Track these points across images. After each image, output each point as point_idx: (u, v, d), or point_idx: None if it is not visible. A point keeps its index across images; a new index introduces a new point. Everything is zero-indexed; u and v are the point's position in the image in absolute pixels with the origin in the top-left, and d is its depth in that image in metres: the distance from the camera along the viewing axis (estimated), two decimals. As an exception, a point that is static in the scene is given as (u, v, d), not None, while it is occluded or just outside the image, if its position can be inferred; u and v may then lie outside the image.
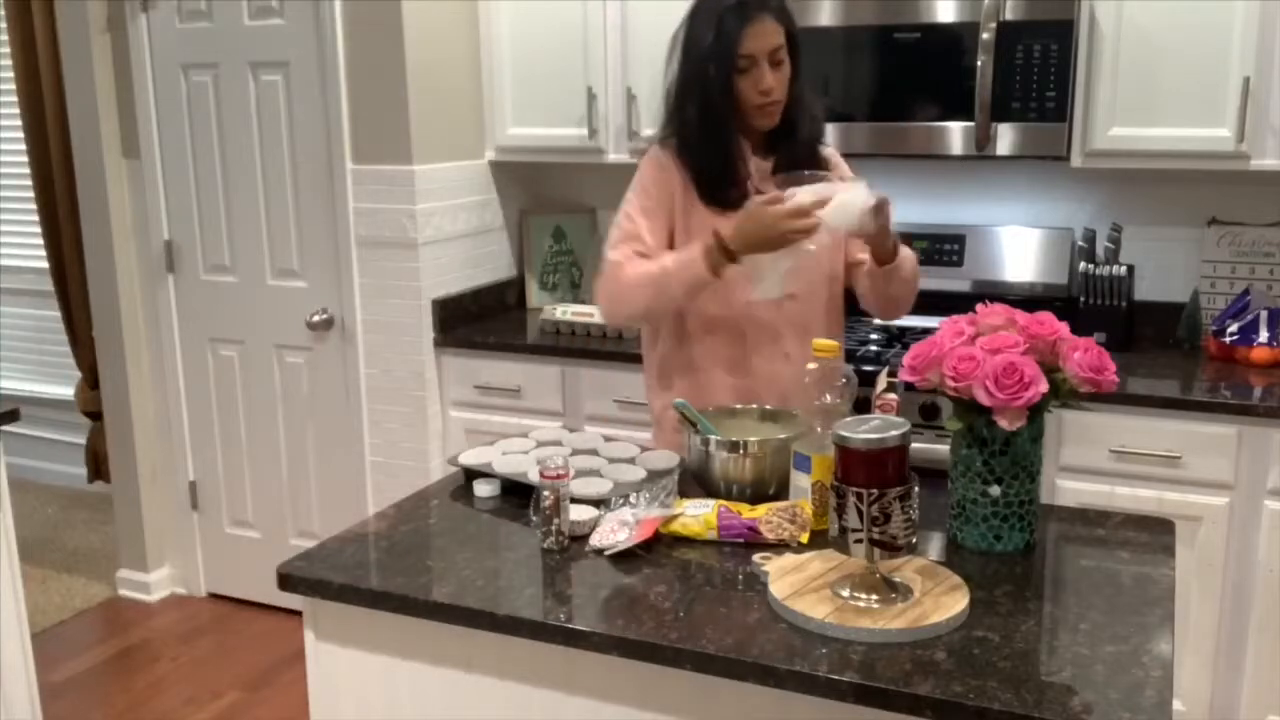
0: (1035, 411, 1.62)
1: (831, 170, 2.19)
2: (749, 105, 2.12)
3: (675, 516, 1.76)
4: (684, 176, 2.19)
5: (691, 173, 2.18)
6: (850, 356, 2.94)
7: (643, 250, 2.17)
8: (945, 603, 1.48)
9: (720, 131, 2.14)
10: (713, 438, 1.92)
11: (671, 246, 2.19)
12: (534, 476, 1.91)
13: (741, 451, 1.89)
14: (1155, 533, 1.79)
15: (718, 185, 2.16)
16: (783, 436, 1.89)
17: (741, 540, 1.73)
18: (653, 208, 2.19)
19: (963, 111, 2.89)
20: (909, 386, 1.78)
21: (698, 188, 2.18)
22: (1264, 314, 2.90)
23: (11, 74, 4.27)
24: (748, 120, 2.15)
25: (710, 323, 2.21)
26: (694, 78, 2.13)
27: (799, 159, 2.16)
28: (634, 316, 2.26)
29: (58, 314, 4.48)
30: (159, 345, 3.77)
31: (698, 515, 1.76)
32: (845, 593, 1.50)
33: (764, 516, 1.74)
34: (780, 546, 1.72)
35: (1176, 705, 2.74)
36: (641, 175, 2.23)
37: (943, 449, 2.07)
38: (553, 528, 1.72)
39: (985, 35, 2.80)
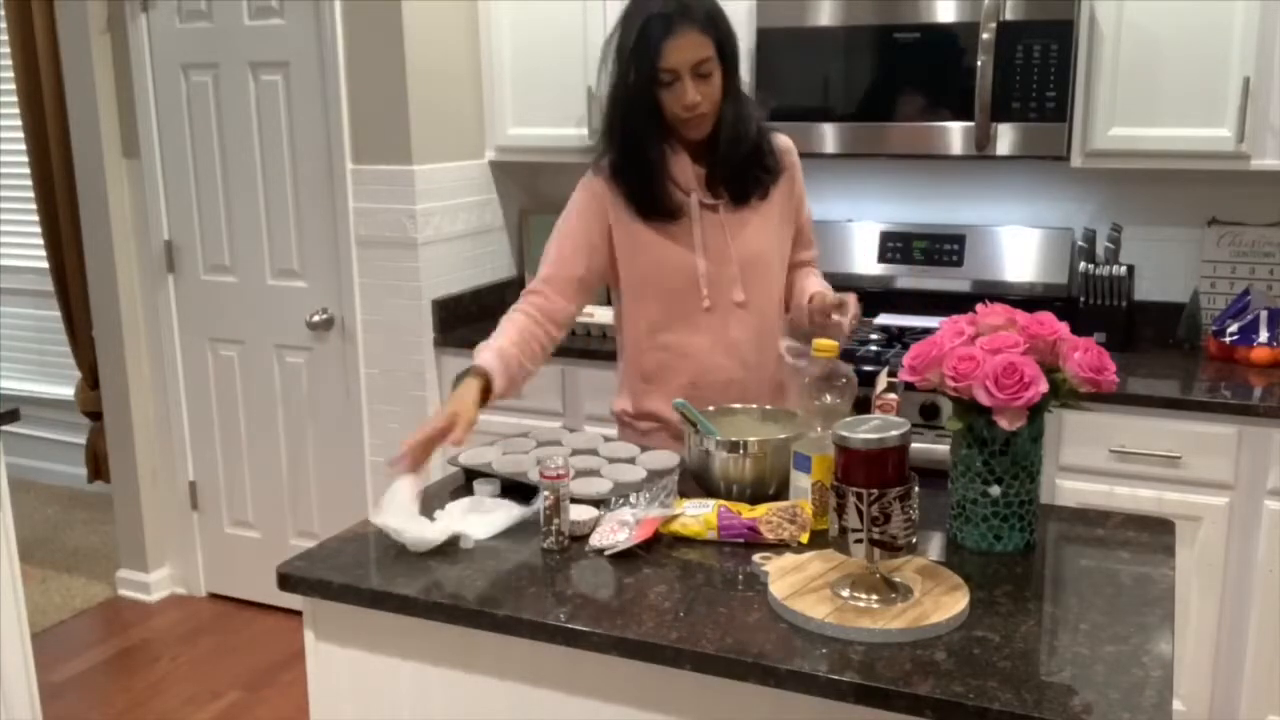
0: (1035, 411, 1.62)
1: (784, 169, 2.21)
2: (674, 118, 2.09)
3: (675, 516, 1.76)
4: (618, 197, 2.17)
5: (624, 191, 2.17)
6: (850, 356, 2.95)
7: (553, 285, 2.18)
8: (945, 603, 1.48)
9: (644, 146, 2.12)
10: (713, 437, 1.91)
11: (613, 266, 2.21)
12: (534, 476, 1.91)
13: (741, 451, 1.89)
14: (1155, 533, 1.79)
15: (650, 201, 2.15)
16: (783, 436, 1.89)
17: (741, 540, 1.73)
18: (571, 230, 2.21)
19: (963, 111, 2.89)
20: (909, 386, 1.78)
21: (634, 206, 2.16)
22: (1264, 314, 2.90)
23: (11, 74, 4.27)
24: (678, 131, 2.13)
25: (658, 343, 2.23)
26: (619, 91, 2.12)
27: (735, 166, 2.14)
28: None
29: (58, 314, 4.48)
30: (159, 345, 3.77)
31: (698, 515, 1.76)
32: (845, 593, 1.50)
33: (764, 516, 1.74)
34: (780, 546, 1.72)
35: (1176, 705, 2.74)
36: (572, 199, 2.24)
37: (943, 449, 2.07)
38: (553, 528, 1.72)
39: (985, 35, 2.80)
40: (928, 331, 2.04)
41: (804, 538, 1.72)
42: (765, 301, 2.23)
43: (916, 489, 1.48)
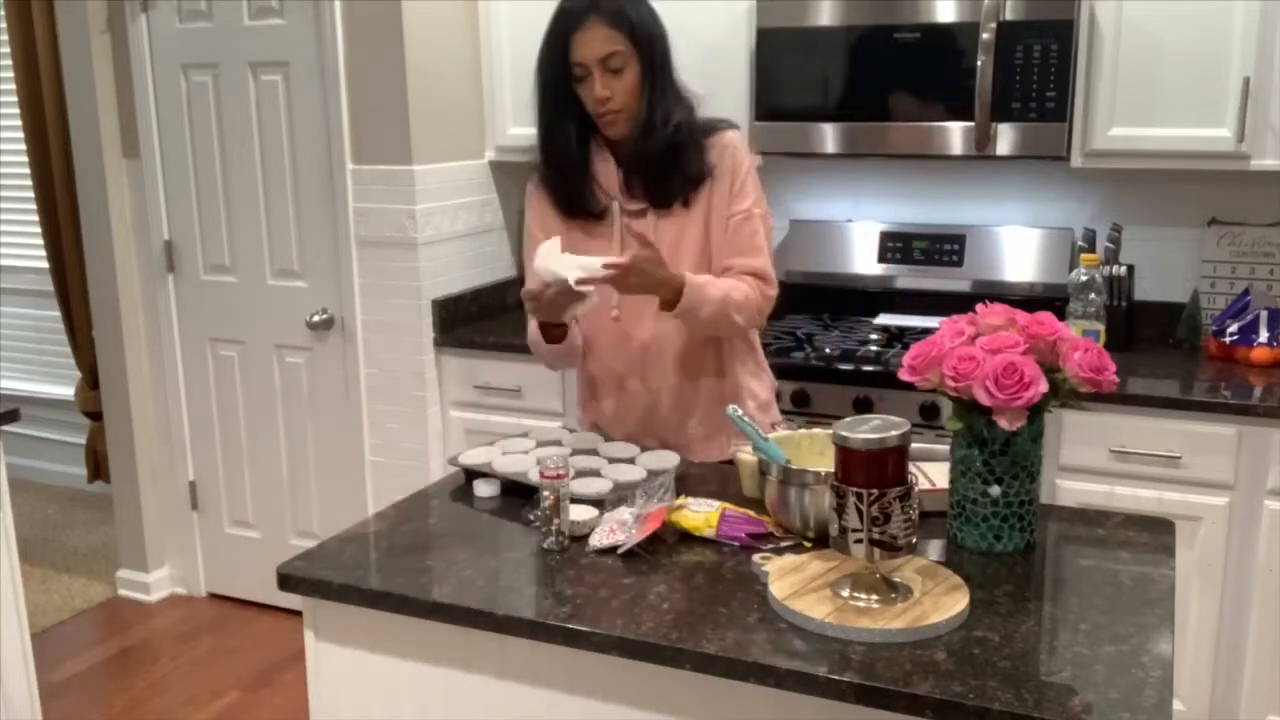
0: (1035, 411, 1.62)
1: (711, 173, 2.11)
2: (593, 116, 2.07)
3: (679, 508, 1.76)
4: (549, 200, 2.18)
5: (550, 193, 2.17)
6: (850, 356, 2.95)
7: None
8: (945, 603, 1.48)
9: (563, 146, 2.10)
10: (808, 469, 1.73)
11: None
12: (534, 476, 1.91)
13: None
14: (1155, 533, 1.79)
15: (570, 202, 2.15)
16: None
17: (737, 544, 1.73)
18: (535, 242, 2.17)
19: (963, 111, 2.89)
20: (909, 386, 1.78)
21: (561, 209, 2.16)
22: (1264, 314, 2.90)
23: (11, 74, 4.27)
24: (600, 129, 2.11)
25: (591, 344, 2.23)
26: (537, 85, 2.12)
27: (647, 167, 2.10)
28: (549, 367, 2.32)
29: (58, 314, 4.48)
30: (159, 345, 3.77)
31: (700, 511, 1.76)
32: (845, 593, 1.50)
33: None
34: (780, 547, 1.71)
35: (1176, 705, 2.74)
36: (526, 223, 2.24)
37: (943, 449, 2.07)
38: (553, 528, 1.72)
39: (985, 35, 2.80)
40: (928, 331, 2.04)
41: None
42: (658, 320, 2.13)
43: (917, 489, 1.48)
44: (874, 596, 1.49)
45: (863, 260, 3.37)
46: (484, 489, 1.98)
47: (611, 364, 2.21)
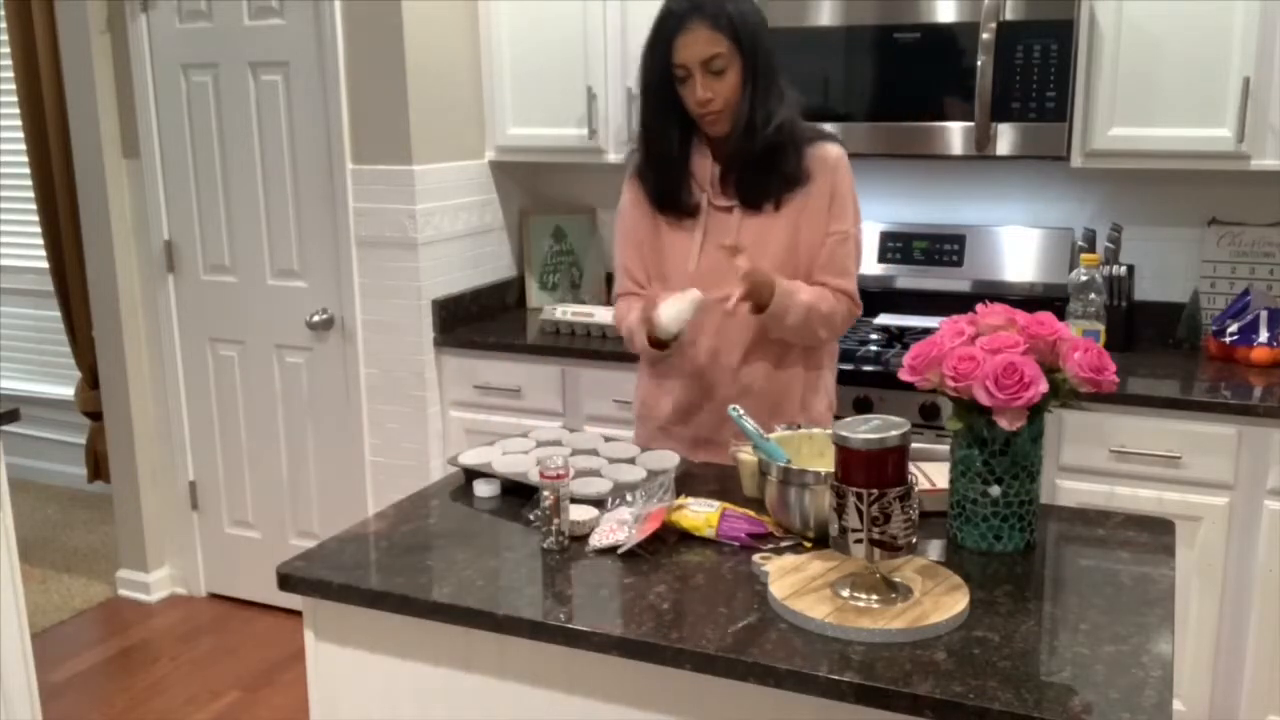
0: (1035, 411, 1.62)
1: (809, 179, 2.14)
2: (695, 115, 2.10)
3: (679, 508, 1.76)
4: (643, 192, 2.21)
5: (645, 184, 2.20)
6: (850, 356, 2.95)
7: (634, 286, 2.24)
8: (945, 603, 1.48)
9: (663, 142, 2.14)
10: (808, 470, 1.73)
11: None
12: (534, 476, 1.91)
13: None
14: (1155, 533, 1.79)
15: (663, 196, 2.18)
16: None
17: (738, 543, 1.73)
18: (630, 239, 2.25)
19: (963, 112, 2.89)
20: (909, 386, 1.78)
21: (653, 201, 2.20)
22: (1264, 314, 2.90)
23: (11, 74, 4.27)
24: (702, 128, 2.14)
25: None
26: (641, 84, 2.15)
27: (744, 167, 2.12)
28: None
29: (58, 314, 4.48)
30: (159, 345, 3.77)
31: (700, 511, 1.76)
32: (845, 593, 1.50)
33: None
34: (780, 547, 1.71)
35: (1176, 705, 2.74)
36: (620, 205, 2.28)
37: (943, 449, 2.07)
38: (553, 528, 1.72)
39: (985, 35, 2.80)
40: (928, 331, 2.04)
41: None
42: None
43: (917, 489, 1.48)
44: (874, 596, 1.49)
45: (863, 260, 3.36)
46: (484, 489, 1.98)
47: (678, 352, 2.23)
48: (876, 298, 3.35)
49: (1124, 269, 3.01)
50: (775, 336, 2.16)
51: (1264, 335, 2.88)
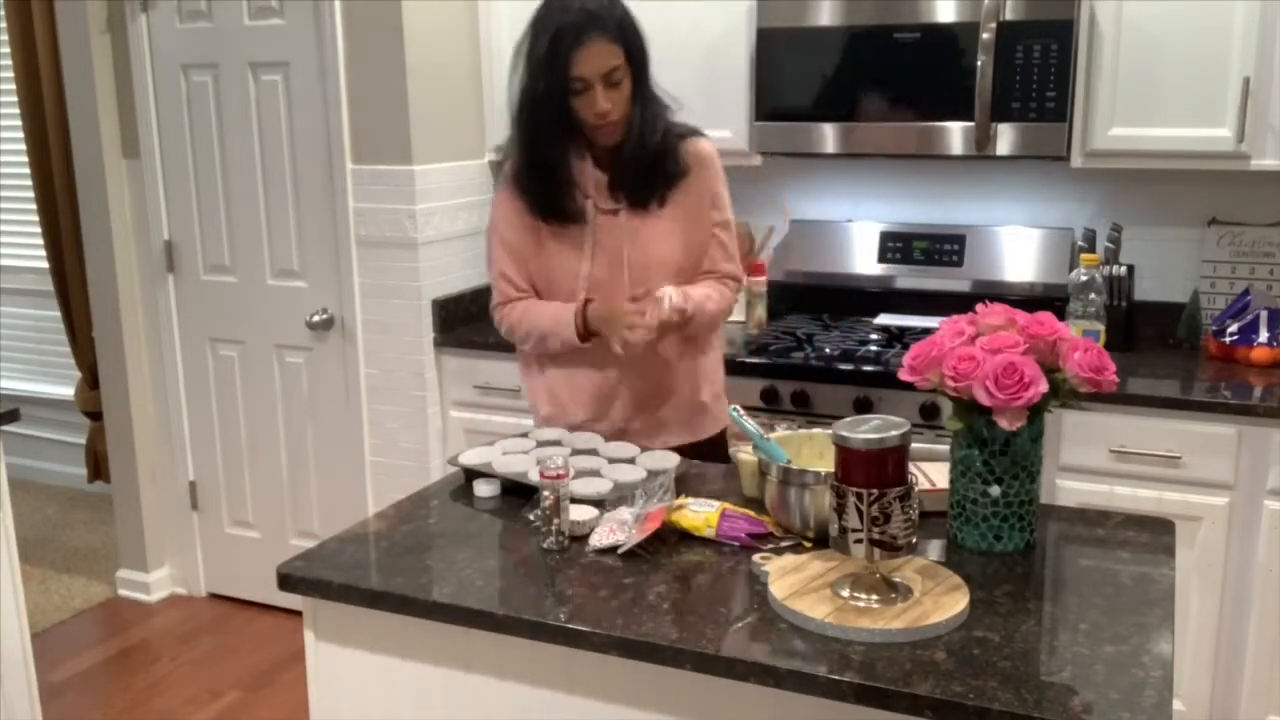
0: (1035, 411, 1.62)
1: (687, 173, 2.20)
2: (586, 125, 2.11)
3: (679, 508, 1.76)
4: (524, 202, 2.21)
5: (527, 195, 2.20)
6: (850, 356, 2.95)
7: (516, 293, 2.25)
8: (945, 603, 1.48)
9: (550, 151, 2.14)
10: (809, 470, 1.73)
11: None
12: (534, 476, 1.91)
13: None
14: (1155, 533, 1.79)
15: (551, 203, 2.19)
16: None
17: (737, 544, 1.73)
18: (507, 249, 2.25)
19: (963, 111, 2.89)
20: (908, 386, 1.78)
21: (537, 211, 2.20)
22: (1264, 314, 2.90)
23: (11, 74, 4.27)
24: (588, 136, 2.15)
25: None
26: (527, 97, 2.13)
27: (637, 171, 2.16)
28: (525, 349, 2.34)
29: (58, 314, 4.48)
30: (159, 345, 3.77)
31: (700, 511, 1.76)
32: (845, 593, 1.50)
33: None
34: (780, 547, 1.71)
35: (1176, 705, 2.74)
36: (492, 218, 2.28)
37: (943, 449, 2.07)
38: (553, 528, 1.72)
39: (985, 35, 2.80)
40: (928, 331, 2.04)
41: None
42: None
43: (917, 489, 1.48)
44: (874, 596, 1.49)
45: (863, 260, 3.37)
46: (484, 489, 1.98)
47: (577, 355, 2.25)
48: (876, 298, 3.35)
49: (1124, 269, 3.01)
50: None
51: (1264, 335, 2.88)
